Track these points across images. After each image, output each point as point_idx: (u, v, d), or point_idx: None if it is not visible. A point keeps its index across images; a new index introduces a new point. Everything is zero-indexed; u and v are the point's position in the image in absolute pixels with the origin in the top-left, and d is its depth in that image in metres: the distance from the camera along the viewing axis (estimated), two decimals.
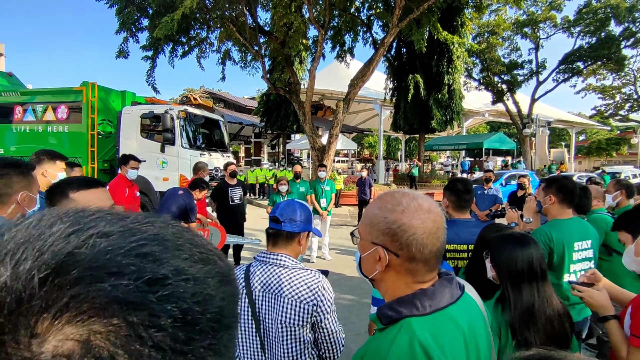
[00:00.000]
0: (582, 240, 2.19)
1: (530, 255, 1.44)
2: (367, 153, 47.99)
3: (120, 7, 12.55)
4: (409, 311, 0.83)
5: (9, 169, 1.56)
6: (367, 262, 0.92)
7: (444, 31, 13.04)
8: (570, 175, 14.71)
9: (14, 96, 8.76)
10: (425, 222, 0.85)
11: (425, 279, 0.89)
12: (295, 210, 1.50)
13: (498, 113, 25.14)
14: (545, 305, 1.41)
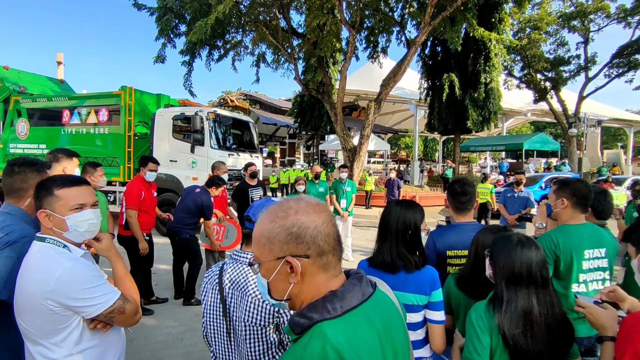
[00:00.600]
0: (594, 248, 2.02)
1: (530, 259, 1.40)
2: (404, 154, 47.17)
3: (160, 14, 13.19)
4: (320, 316, 0.80)
5: (25, 167, 1.75)
6: (279, 283, 0.86)
7: (480, 28, 12.53)
8: (623, 178, 13.59)
9: (63, 101, 9.46)
10: (321, 213, 0.86)
11: (336, 272, 0.88)
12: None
13: (543, 112, 23.78)
14: (546, 314, 1.36)
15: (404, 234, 1.72)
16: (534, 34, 18.19)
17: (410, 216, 1.74)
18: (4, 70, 10.38)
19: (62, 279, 1.29)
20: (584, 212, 2.10)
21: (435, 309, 1.68)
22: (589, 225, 2.10)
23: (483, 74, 15.14)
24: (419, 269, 1.70)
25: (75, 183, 1.51)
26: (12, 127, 9.95)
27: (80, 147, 9.08)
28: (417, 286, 1.69)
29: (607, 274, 2.05)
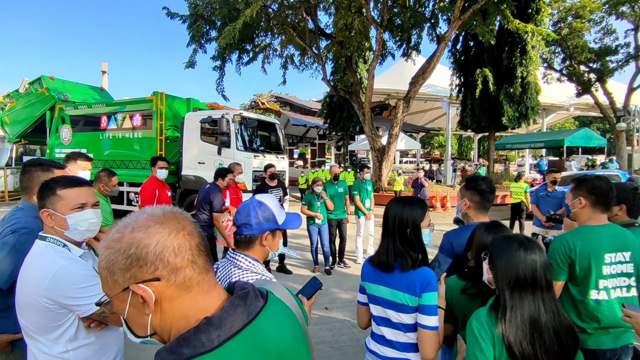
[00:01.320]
0: (617, 251, 1.83)
1: (534, 262, 1.30)
2: (438, 153, 46.01)
3: (191, 21, 13.64)
4: (191, 351, 0.67)
5: (33, 166, 1.90)
6: (136, 317, 0.72)
7: (516, 20, 11.95)
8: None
9: (101, 107, 10.01)
10: (165, 224, 0.72)
11: (205, 288, 0.74)
12: (248, 214, 1.41)
13: (588, 106, 22.31)
14: (554, 320, 1.27)
15: (401, 231, 1.66)
16: (575, 23, 17.05)
17: (408, 213, 1.67)
18: (50, 80, 11.14)
19: (56, 278, 1.33)
20: (604, 211, 1.91)
21: (426, 313, 1.58)
22: (611, 227, 1.90)
23: (519, 67, 14.40)
24: (414, 269, 1.62)
25: (77, 184, 1.57)
26: (57, 134, 10.66)
27: (117, 151, 9.61)
28: (407, 286, 1.62)
29: (633, 280, 1.85)
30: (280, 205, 1.52)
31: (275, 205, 1.48)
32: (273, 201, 1.50)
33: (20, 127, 11.90)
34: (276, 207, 1.47)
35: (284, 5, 13.30)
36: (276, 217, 1.45)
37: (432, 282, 1.59)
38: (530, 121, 15.41)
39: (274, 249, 1.49)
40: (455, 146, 46.32)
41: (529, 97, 14.63)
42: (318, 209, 5.85)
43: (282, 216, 1.48)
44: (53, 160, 2.06)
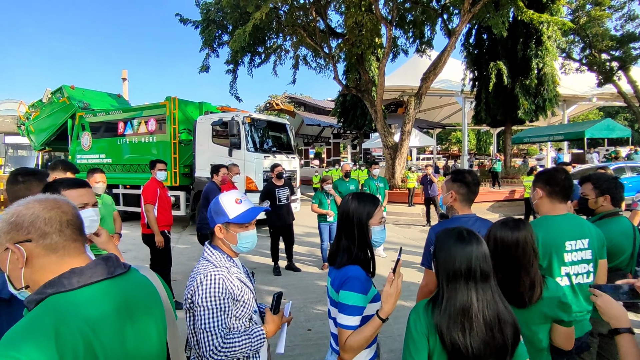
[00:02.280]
0: (577, 239, 1.87)
1: (470, 254, 1.31)
2: (456, 149, 45.26)
3: (204, 27, 13.92)
4: (54, 290, 0.87)
5: (29, 176, 1.98)
6: (12, 272, 0.91)
7: (529, 10, 11.65)
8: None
9: (118, 114, 10.37)
10: (44, 202, 0.92)
11: (73, 252, 0.94)
12: (206, 214, 1.63)
13: (613, 96, 21.47)
14: (485, 309, 1.28)
15: (347, 227, 1.64)
16: (595, 10, 16.47)
17: (354, 209, 1.64)
18: (71, 89, 11.60)
19: None
20: (563, 201, 1.96)
21: (340, 311, 1.52)
22: (570, 216, 1.96)
23: (534, 59, 14.03)
24: (346, 265, 1.59)
25: (79, 186, 1.82)
26: (78, 140, 11.11)
27: (135, 156, 9.93)
28: (333, 281, 1.63)
29: (591, 266, 1.89)
30: (241, 201, 1.60)
31: (231, 200, 1.58)
32: (230, 197, 1.60)
33: (45, 135, 12.44)
34: (230, 203, 1.57)
35: (294, 7, 13.40)
36: (226, 211, 1.56)
37: (350, 282, 1.52)
38: (549, 113, 14.98)
39: (231, 241, 1.59)
40: (473, 141, 45.47)
41: (546, 88, 14.24)
42: (328, 206, 5.92)
43: (237, 211, 1.57)
44: (43, 170, 2.12)
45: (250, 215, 1.60)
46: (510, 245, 1.53)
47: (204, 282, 1.45)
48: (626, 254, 2.04)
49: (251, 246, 1.64)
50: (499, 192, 12.88)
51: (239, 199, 1.61)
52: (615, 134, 14.61)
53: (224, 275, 1.49)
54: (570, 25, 12.24)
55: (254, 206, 1.65)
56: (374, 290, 1.61)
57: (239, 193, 1.65)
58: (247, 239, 1.60)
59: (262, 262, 6.67)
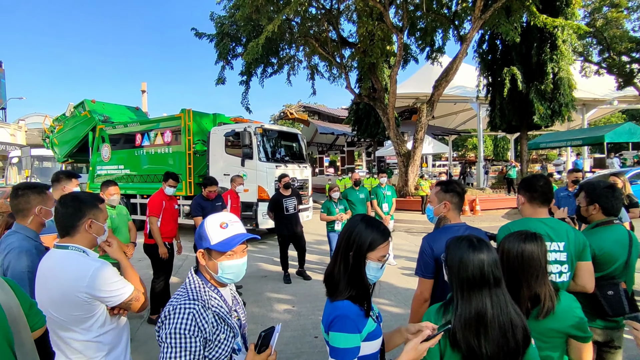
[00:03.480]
0: (552, 241, 1.97)
1: (482, 261, 1.37)
2: (473, 155, 44.63)
3: (218, 40, 14.31)
4: None
5: (28, 190, 2.12)
6: None
7: (542, 15, 11.54)
8: None
9: (136, 126, 10.73)
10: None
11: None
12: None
13: (635, 99, 20.90)
14: (500, 314, 1.33)
15: (345, 251, 1.43)
16: (611, 12, 16.16)
17: (359, 234, 1.43)
18: (92, 103, 12.08)
19: (94, 276, 1.62)
20: (541, 206, 2.10)
21: (332, 355, 1.33)
22: (550, 220, 2.07)
23: (550, 63, 13.82)
24: (338, 299, 1.40)
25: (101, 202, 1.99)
26: (98, 152, 11.52)
27: (152, 166, 10.24)
28: (324, 316, 1.45)
29: (565, 267, 1.97)
30: (227, 225, 1.39)
31: (215, 223, 1.38)
32: (215, 219, 1.40)
33: (67, 147, 12.96)
34: (214, 226, 1.38)
35: (306, 18, 13.64)
36: (208, 235, 1.36)
37: (340, 321, 1.33)
38: (566, 118, 14.69)
39: (213, 270, 1.38)
40: (490, 147, 44.75)
41: (562, 93, 13.99)
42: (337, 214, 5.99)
43: (219, 236, 1.36)
44: (43, 183, 2.25)
45: (233, 242, 1.36)
46: (516, 257, 1.55)
47: (171, 315, 1.27)
48: (619, 262, 2.05)
49: (235, 277, 1.42)
50: (514, 198, 12.65)
51: (225, 223, 1.39)
52: (637, 137, 14.18)
53: (195, 310, 1.28)
54: (585, 29, 12.06)
55: (240, 232, 1.41)
56: (370, 325, 1.39)
57: (228, 215, 1.44)
58: (229, 269, 1.38)
59: (273, 269, 6.76)
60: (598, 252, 2.06)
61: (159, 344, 1.29)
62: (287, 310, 4.85)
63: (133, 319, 4.41)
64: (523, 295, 1.50)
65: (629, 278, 2.09)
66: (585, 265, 1.99)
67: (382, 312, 4.90)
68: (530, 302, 1.49)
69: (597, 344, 2.09)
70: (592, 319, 2.07)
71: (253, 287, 5.77)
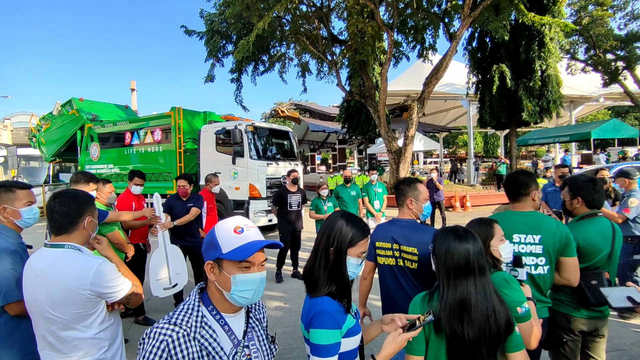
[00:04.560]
0: (527, 234, 2.07)
1: (467, 250, 1.43)
2: (463, 152, 44.99)
3: (208, 37, 14.19)
4: None
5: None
6: None
7: (530, 13, 11.68)
8: None
9: (125, 124, 10.62)
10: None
11: None
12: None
13: (621, 96, 21.29)
14: (483, 300, 1.40)
15: (326, 247, 1.42)
16: (597, 10, 16.42)
17: (338, 230, 1.42)
18: (80, 102, 11.92)
19: (98, 273, 1.64)
20: (518, 200, 2.19)
21: (313, 352, 1.29)
22: (530, 213, 2.15)
23: (538, 61, 14.02)
24: (317, 295, 1.37)
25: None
26: (87, 151, 11.38)
27: (142, 165, 10.14)
28: (303, 313, 1.41)
29: (542, 259, 2.05)
30: (242, 230, 1.13)
31: (228, 228, 1.13)
32: (229, 224, 1.14)
33: (55, 146, 12.77)
34: (227, 232, 1.12)
35: (297, 15, 13.61)
36: (220, 243, 1.10)
37: (319, 317, 1.30)
38: (554, 115, 14.92)
39: (224, 286, 1.11)
40: (480, 144, 45.17)
41: (550, 90, 14.21)
42: (325, 212, 6.00)
43: (233, 243, 1.10)
44: (17, 181, 2.21)
45: (250, 249, 1.10)
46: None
47: (144, 341, 1.07)
48: (603, 253, 2.11)
49: (252, 297, 1.13)
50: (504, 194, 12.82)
51: (240, 227, 1.13)
52: (622, 134, 14.48)
53: (171, 340, 1.04)
54: (572, 27, 12.23)
55: (259, 239, 1.15)
56: (350, 321, 1.37)
57: (242, 219, 1.18)
58: (244, 285, 1.10)
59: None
60: (582, 244, 2.12)
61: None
62: (278, 308, 4.86)
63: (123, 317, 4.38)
64: None
65: (612, 269, 2.15)
66: (570, 260, 2.04)
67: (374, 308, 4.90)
68: None
69: (582, 333, 2.15)
70: (577, 309, 2.13)
71: None
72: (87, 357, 1.67)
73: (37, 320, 1.66)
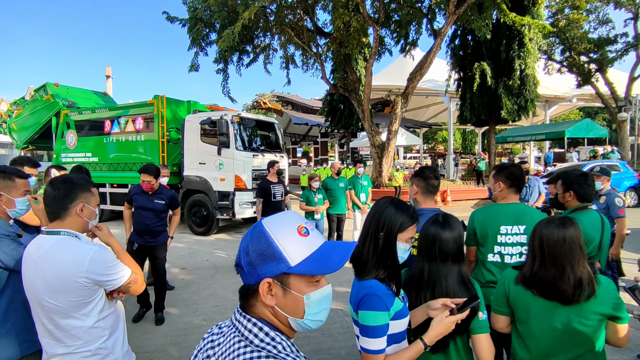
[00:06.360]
0: (513, 224, 2.18)
1: (430, 234, 1.56)
2: (442, 148, 45.93)
3: (191, 25, 13.85)
4: None
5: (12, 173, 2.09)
6: None
7: (512, 13, 11.99)
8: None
9: (105, 112, 10.27)
10: None
11: None
12: (240, 247, 0.86)
13: (592, 97, 22.18)
14: (435, 282, 1.53)
15: (375, 232, 1.44)
16: (573, 14, 17.03)
17: (389, 215, 1.44)
18: (55, 87, 11.42)
19: (94, 260, 1.59)
20: (517, 192, 2.28)
21: (363, 332, 1.34)
22: (516, 205, 2.26)
23: (517, 60, 14.44)
24: (365, 278, 1.41)
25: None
26: (62, 139, 10.95)
27: (122, 154, 9.87)
28: (351, 297, 1.46)
29: (526, 248, 2.15)
30: (307, 230, 0.84)
31: (290, 229, 0.83)
32: (288, 222, 0.84)
33: (27, 133, 12.22)
34: (290, 234, 0.82)
35: (282, 6, 13.45)
36: (285, 253, 0.79)
37: (368, 300, 1.33)
38: (530, 113, 15.44)
39: (292, 311, 0.83)
40: (459, 140, 46.19)
41: (528, 89, 14.68)
42: (316, 204, 6.04)
43: (305, 250, 0.81)
44: (18, 169, 2.14)
45: (336, 258, 0.82)
46: (556, 243, 1.52)
47: None
48: (594, 243, 2.24)
49: (324, 318, 0.87)
50: (483, 190, 13.22)
51: (303, 227, 0.84)
52: (593, 133, 15.15)
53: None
54: (549, 29, 12.64)
55: (324, 240, 0.87)
56: (398, 304, 1.38)
57: (296, 215, 0.89)
58: (320, 305, 0.85)
59: None
60: None
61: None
62: None
63: None
64: (567, 279, 1.47)
65: (602, 258, 2.30)
66: None
67: None
68: (574, 286, 1.47)
69: None
70: None
71: (230, 279, 5.75)
72: (86, 346, 1.63)
73: (35, 308, 1.62)
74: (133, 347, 1.97)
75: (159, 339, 3.80)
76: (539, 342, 1.52)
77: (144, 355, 3.46)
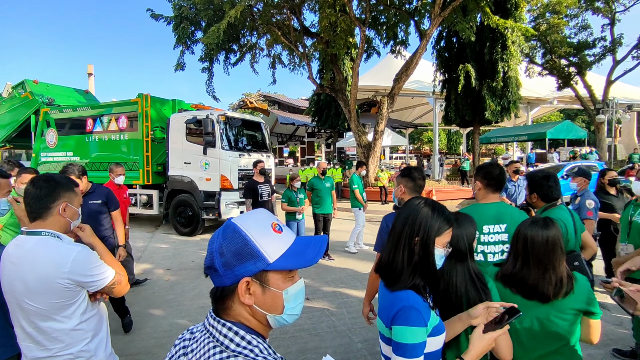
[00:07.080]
0: (495, 224, 2.20)
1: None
2: (427, 148, 46.50)
3: (176, 23, 13.67)
4: None
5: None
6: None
7: (495, 16, 12.24)
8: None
9: (87, 110, 10.05)
10: None
11: None
12: (210, 248, 0.83)
13: (572, 99, 22.82)
14: (447, 281, 1.51)
15: (409, 237, 1.29)
16: (553, 18, 17.50)
17: (424, 218, 1.30)
18: (34, 84, 11.12)
19: (76, 261, 1.55)
20: (495, 192, 2.29)
21: (397, 352, 1.18)
22: (497, 204, 2.27)
23: (500, 62, 14.74)
24: (399, 289, 1.26)
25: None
26: (42, 137, 10.66)
27: (104, 154, 9.67)
28: (382, 311, 1.31)
29: (507, 246, 2.20)
30: (280, 227, 0.86)
31: (263, 226, 0.83)
32: (261, 220, 0.84)
33: (5, 131, 11.85)
34: (264, 231, 0.82)
35: (268, 5, 13.40)
36: (262, 250, 0.79)
37: (405, 313, 1.18)
38: (513, 115, 15.78)
39: (270, 307, 0.82)
40: (444, 141, 46.81)
41: (511, 91, 15.00)
42: (297, 204, 6.05)
43: (281, 246, 0.82)
44: (1, 169, 2.13)
45: (310, 252, 0.85)
46: (541, 245, 1.53)
47: None
48: (570, 235, 2.36)
49: (300, 311, 0.88)
50: (468, 189, 13.44)
51: (277, 224, 0.86)
52: (573, 135, 15.57)
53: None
54: (532, 32, 12.94)
55: (294, 235, 0.90)
56: (434, 319, 1.24)
57: (265, 212, 0.89)
58: (297, 299, 0.86)
59: None
60: None
61: None
62: None
63: None
64: (549, 279, 1.51)
65: (577, 244, 2.40)
66: None
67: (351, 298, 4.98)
68: (555, 285, 1.50)
69: None
70: None
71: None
72: (68, 349, 1.60)
73: (14, 311, 1.58)
74: (117, 350, 1.93)
75: (144, 341, 3.75)
76: (519, 337, 1.56)
77: (128, 357, 3.41)
